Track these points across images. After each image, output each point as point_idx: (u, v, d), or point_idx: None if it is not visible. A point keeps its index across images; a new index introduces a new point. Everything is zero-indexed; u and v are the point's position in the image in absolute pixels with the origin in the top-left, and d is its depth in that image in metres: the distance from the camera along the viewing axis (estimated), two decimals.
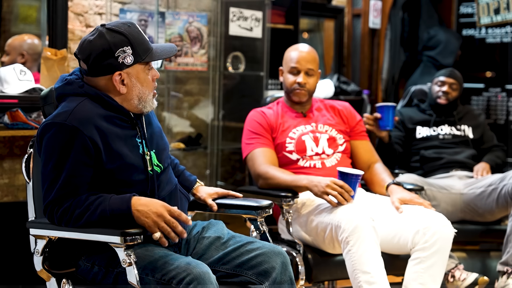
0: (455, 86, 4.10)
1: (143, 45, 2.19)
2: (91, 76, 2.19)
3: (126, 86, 2.19)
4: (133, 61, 2.17)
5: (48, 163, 2.11)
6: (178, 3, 4.35)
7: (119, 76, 2.17)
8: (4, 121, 3.30)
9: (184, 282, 2.00)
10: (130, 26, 2.19)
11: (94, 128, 2.12)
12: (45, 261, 2.23)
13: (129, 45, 2.15)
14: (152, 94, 2.26)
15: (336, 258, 2.89)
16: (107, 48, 2.14)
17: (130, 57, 2.16)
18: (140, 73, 2.20)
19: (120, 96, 2.20)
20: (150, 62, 2.23)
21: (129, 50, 2.16)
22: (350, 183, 2.83)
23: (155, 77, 2.25)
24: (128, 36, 2.16)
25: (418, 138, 4.07)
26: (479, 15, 4.93)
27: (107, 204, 2.07)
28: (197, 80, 4.55)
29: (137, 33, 2.19)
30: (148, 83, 2.23)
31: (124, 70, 2.17)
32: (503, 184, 3.61)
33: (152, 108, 2.27)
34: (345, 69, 5.61)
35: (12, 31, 3.89)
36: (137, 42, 2.17)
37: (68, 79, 2.22)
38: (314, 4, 5.31)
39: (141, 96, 2.21)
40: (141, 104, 2.23)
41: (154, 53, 2.22)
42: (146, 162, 2.21)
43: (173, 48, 2.29)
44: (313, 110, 3.26)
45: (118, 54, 2.14)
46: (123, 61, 2.15)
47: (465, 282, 3.44)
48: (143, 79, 2.21)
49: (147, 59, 2.19)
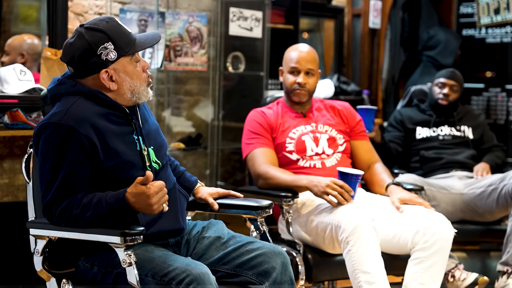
0: (455, 88, 4.10)
1: (124, 38, 2.17)
2: (79, 78, 2.19)
3: (116, 82, 2.18)
4: (117, 56, 2.15)
5: (45, 163, 2.10)
6: (178, 3, 4.35)
7: (106, 74, 2.16)
8: (4, 121, 3.30)
9: (184, 283, 2.00)
10: (108, 21, 2.17)
11: (90, 127, 2.11)
12: (45, 261, 2.23)
13: (110, 40, 2.14)
14: (147, 83, 2.23)
15: (336, 258, 2.89)
16: (88, 47, 2.13)
17: (113, 52, 2.14)
18: (127, 66, 2.18)
19: (112, 93, 2.19)
20: (137, 53, 2.21)
21: (111, 46, 2.14)
22: (350, 183, 2.83)
23: (145, 67, 2.23)
24: (107, 32, 2.14)
25: (418, 139, 4.07)
26: (479, 15, 4.93)
27: (104, 200, 2.07)
28: (197, 80, 4.55)
29: (116, 27, 2.17)
30: (138, 75, 2.21)
31: (110, 66, 2.15)
32: (503, 184, 3.61)
33: (148, 98, 2.25)
34: (345, 69, 5.61)
35: (12, 31, 3.89)
36: (118, 36, 2.15)
37: (60, 79, 2.22)
38: (314, 4, 5.30)
39: (133, 89, 2.20)
40: (134, 96, 2.21)
41: (138, 43, 2.20)
42: (144, 159, 2.21)
43: (157, 35, 2.26)
44: (313, 110, 3.26)
45: (100, 52, 2.13)
46: (106, 58, 2.14)
47: (465, 282, 3.44)
48: (132, 71, 2.19)
49: (131, 51, 2.17)
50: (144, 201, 2.05)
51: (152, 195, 2.04)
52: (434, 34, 5.53)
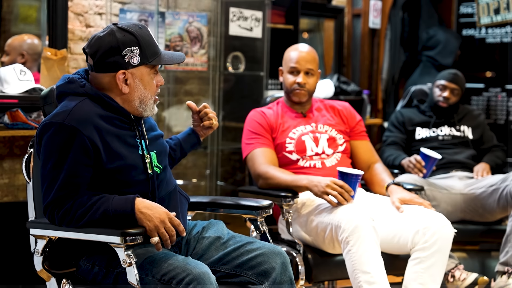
0: (456, 91, 4.09)
1: (151, 48, 2.19)
2: (96, 72, 2.19)
3: (128, 86, 2.18)
4: (139, 62, 2.17)
5: (47, 163, 2.10)
6: (178, 3, 4.35)
7: (123, 75, 2.16)
8: (4, 121, 3.30)
9: (183, 282, 2.00)
10: (141, 28, 2.20)
11: (93, 128, 2.11)
12: (45, 261, 2.23)
13: (138, 45, 2.15)
14: (154, 100, 2.25)
15: (336, 258, 2.89)
16: (115, 45, 2.14)
17: (137, 57, 2.16)
18: (144, 75, 2.20)
19: (121, 96, 2.20)
20: (157, 67, 2.23)
21: (137, 51, 2.16)
22: (350, 183, 2.83)
23: (159, 83, 2.25)
24: (138, 37, 2.16)
25: (418, 139, 4.07)
26: (479, 15, 4.93)
27: (110, 204, 2.07)
28: (197, 80, 4.55)
29: (147, 36, 2.19)
30: (151, 87, 2.22)
31: (129, 69, 2.16)
32: (505, 185, 3.61)
33: (152, 113, 2.27)
34: (345, 69, 5.61)
35: (12, 31, 3.89)
36: (146, 44, 2.17)
37: (71, 78, 2.21)
38: (314, 4, 5.30)
39: (142, 98, 2.21)
40: (141, 107, 2.22)
41: (162, 57, 2.22)
42: (145, 163, 2.21)
43: (182, 56, 2.29)
44: (313, 110, 3.26)
45: (125, 53, 2.14)
46: (129, 61, 2.15)
47: (465, 282, 3.44)
48: (147, 82, 2.21)
49: (154, 62, 2.19)
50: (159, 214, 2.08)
51: (173, 219, 2.09)
52: (433, 34, 5.53)
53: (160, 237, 2.07)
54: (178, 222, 2.10)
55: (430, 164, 3.73)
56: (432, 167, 3.75)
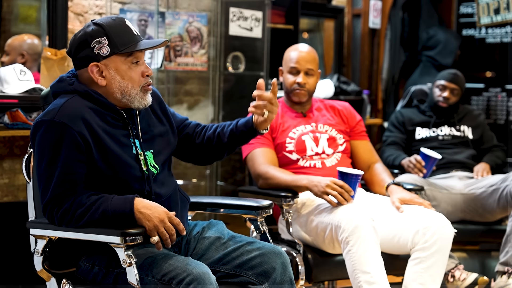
0: (456, 91, 4.09)
1: (123, 37, 2.15)
2: (76, 70, 2.21)
3: (105, 79, 2.17)
4: (110, 52, 2.14)
5: (41, 161, 2.10)
6: (178, 3, 4.35)
7: (96, 68, 2.15)
8: (4, 121, 3.30)
9: (184, 282, 2.00)
10: (114, 19, 2.18)
11: (83, 123, 2.10)
12: (45, 261, 2.23)
13: (105, 35, 2.13)
14: (143, 90, 2.21)
15: (336, 258, 2.89)
16: (84, 39, 2.15)
17: (106, 47, 2.14)
18: (120, 65, 2.16)
19: (102, 90, 2.18)
20: (137, 56, 2.18)
21: (105, 41, 2.14)
22: (350, 183, 2.83)
23: (144, 73, 2.20)
24: (105, 28, 2.14)
25: (418, 139, 4.07)
26: (479, 15, 4.93)
27: (109, 204, 2.07)
28: (197, 80, 4.55)
29: (119, 26, 2.16)
30: (131, 77, 2.18)
31: (101, 61, 2.15)
32: (505, 185, 3.61)
33: (143, 104, 2.22)
34: (345, 69, 5.61)
35: (12, 31, 3.89)
36: (115, 33, 2.14)
37: (61, 77, 2.23)
38: (314, 4, 5.31)
39: (123, 89, 2.18)
40: (125, 98, 2.19)
41: (138, 45, 2.17)
42: (140, 162, 2.21)
43: (160, 40, 2.22)
44: (313, 110, 3.26)
45: (94, 45, 2.14)
46: (98, 52, 2.14)
47: (465, 282, 3.44)
48: (124, 72, 2.17)
49: (125, 50, 2.15)
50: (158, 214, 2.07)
51: (172, 218, 2.09)
52: (433, 34, 5.53)
53: (160, 236, 2.07)
54: (177, 221, 2.10)
55: (430, 164, 3.72)
56: (432, 167, 3.74)
